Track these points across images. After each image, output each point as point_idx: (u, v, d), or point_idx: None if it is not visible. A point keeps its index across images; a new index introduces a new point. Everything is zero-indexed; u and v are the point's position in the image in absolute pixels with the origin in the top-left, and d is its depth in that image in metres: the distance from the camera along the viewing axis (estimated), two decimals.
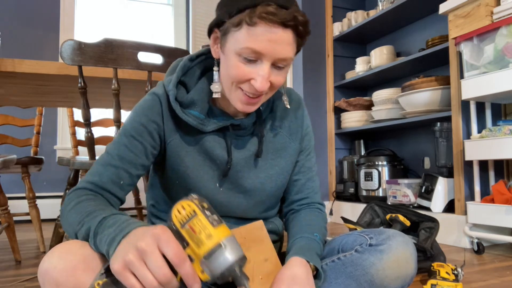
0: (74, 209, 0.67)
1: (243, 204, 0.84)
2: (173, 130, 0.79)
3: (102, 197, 0.73)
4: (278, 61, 0.69)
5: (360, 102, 2.85)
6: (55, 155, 3.31)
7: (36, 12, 3.32)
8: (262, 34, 0.66)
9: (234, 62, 0.70)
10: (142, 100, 0.79)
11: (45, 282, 0.59)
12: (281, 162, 0.86)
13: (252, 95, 0.72)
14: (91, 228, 0.62)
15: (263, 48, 0.67)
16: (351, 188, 2.81)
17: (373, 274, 0.73)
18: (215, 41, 0.76)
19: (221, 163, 0.80)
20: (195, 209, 0.53)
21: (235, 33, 0.68)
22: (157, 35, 3.78)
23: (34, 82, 1.46)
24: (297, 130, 0.89)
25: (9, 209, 1.71)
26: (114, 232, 0.58)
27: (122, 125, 0.79)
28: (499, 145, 1.71)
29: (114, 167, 0.75)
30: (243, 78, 0.70)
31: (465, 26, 1.87)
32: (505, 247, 1.89)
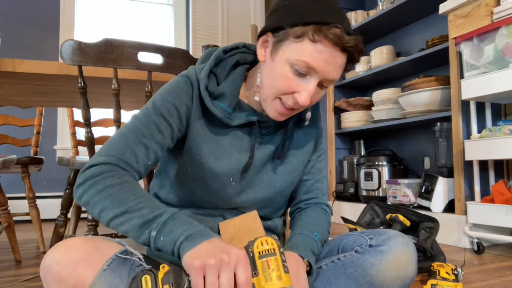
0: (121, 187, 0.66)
1: (250, 199, 0.84)
2: (199, 116, 0.79)
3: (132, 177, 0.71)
4: (325, 81, 0.71)
5: (360, 102, 2.85)
6: (55, 155, 3.31)
7: (36, 12, 3.32)
8: (321, 53, 0.68)
9: (283, 72, 0.71)
10: (174, 81, 0.79)
11: (48, 277, 0.59)
12: (294, 160, 0.86)
13: (290, 107, 0.73)
14: (163, 215, 0.63)
15: (318, 65, 0.68)
16: (351, 188, 2.80)
17: (373, 275, 0.73)
18: (263, 44, 0.76)
19: (238, 158, 0.80)
20: (276, 249, 0.59)
21: (293, 43, 0.69)
22: (157, 35, 3.78)
23: (34, 82, 1.46)
24: (313, 132, 0.90)
25: (9, 209, 1.71)
26: (193, 230, 0.61)
27: (151, 100, 0.77)
28: (499, 145, 1.71)
29: (145, 147, 0.73)
30: (288, 90, 0.71)
31: (465, 26, 1.87)
32: (505, 247, 1.89)
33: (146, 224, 0.63)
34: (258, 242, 0.60)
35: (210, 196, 0.81)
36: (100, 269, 0.60)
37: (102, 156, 0.71)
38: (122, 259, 0.64)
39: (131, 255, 0.67)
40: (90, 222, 1.27)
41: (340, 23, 0.67)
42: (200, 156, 0.78)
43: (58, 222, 1.58)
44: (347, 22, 0.70)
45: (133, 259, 0.66)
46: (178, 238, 0.60)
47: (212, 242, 0.59)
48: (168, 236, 0.61)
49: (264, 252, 0.59)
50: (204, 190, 0.81)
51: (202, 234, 0.61)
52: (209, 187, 0.80)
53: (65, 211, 1.59)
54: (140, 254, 0.69)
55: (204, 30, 3.59)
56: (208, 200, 0.82)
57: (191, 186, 0.81)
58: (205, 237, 0.60)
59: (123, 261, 0.64)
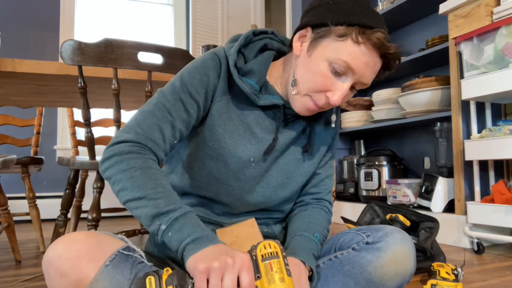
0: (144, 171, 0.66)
1: (263, 183, 0.82)
2: (225, 92, 0.78)
3: (156, 162, 0.72)
4: (358, 83, 0.73)
5: (360, 102, 2.85)
6: (55, 155, 3.31)
7: (36, 12, 3.32)
8: (362, 55, 0.69)
9: (321, 69, 0.71)
10: (202, 58, 0.78)
11: (50, 272, 0.59)
12: (312, 153, 0.86)
13: (321, 106, 0.74)
14: (175, 211, 0.63)
15: (357, 67, 0.70)
16: (351, 188, 2.80)
17: (370, 271, 0.72)
18: (301, 39, 0.76)
19: (260, 140, 0.79)
20: (279, 252, 0.60)
21: (335, 42, 0.70)
22: (157, 35, 3.78)
23: (34, 82, 1.46)
24: (332, 129, 0.90)
25: (9, 209, 1.70)
26: (201, 234, 0.62)
27: (178, 76, 0.76)
28: (499, 145, 1.71)
29: (172, 127, 0.73)
30: (323, 88, 0.72)
31: (465, 26, 1.87)
32: (505, 247, 1.89)
33: (159, 216, 0.63)
34: (261, 245, 0.61)
35: (227, 177, 0.78)
36: (102, 265, 0.60)
37: (131, 134, 0.71)
38: (125, 255, 0.65)
39: (133, 251, 0.67)
40: (90, 222, 1.27)
41: (383, 28, 0.69)
42: (223, 131, 0.77)
43: (58, 222, 1.58)
44: (386, 29, 0.71)
45: (135, 256, 0.66)
46: (185, 239, 0.61)
47: (218, 247, 0.60)
48: (176, 234, 0.62)
49: (267, 255, 0.60)
50: (222, 169, 0.78)
51: (208, 239, 0.61)
52: (228, 166, 0.78)
53: (65, 211, 1.59)
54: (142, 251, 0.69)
55: (204, 30, 3.59)
56: (223, 184, 0.79)
57: (209, 164, 0.78)
58: (211, 242, 0.60)
59: (125, 257, 0.64)
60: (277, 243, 0.61)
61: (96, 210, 1.28)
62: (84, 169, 1.60)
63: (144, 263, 0.67)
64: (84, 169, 2.04)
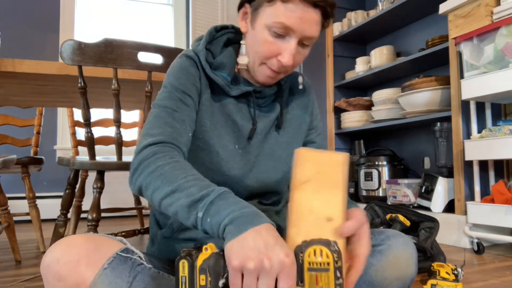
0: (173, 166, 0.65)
1: (255, 169, 0.83)
2: (206, 86, 0.81)
3: (181, 155, 0.71)
4: (304, 38, 0.73)
5: (360, 102, 2.85)
6: (55, 155, 3.31)
7: (36, 12, 3.32)
8: (294, 11, 0.70)
9: (264, 37, 0.73)
10: (177, 62, 0.81)
11: (48, 276, 0.59)
12: (291, 131, 0.88)
13: (277, 70, 0.76)
14: (210, 195, 0.59)
15: (293, 24, 0.71)
16: (351, 188, 2.81)
17: (372, 274, 0.72)
18: (243, 16, 0.79)
19: (240, 127, 0.82)
20: (331, 264, 0.51)
21: (267, 7, 0.72)
22: (157, 35, 3.78)
23: (34, 82, 1.46)
24: (308, 105, 0.92)
25: (9, 209, 1.71)
26: (240, 213, 0.56)
27: (165, 84, 0.79)
28: (499, 145, 1.71)
29: (182, 120, 0.75)
30: (271, 54, 0.74)
31: (465, 26, 1.88)
32: (505, 247, 1.89)
33: (194, 204, 0.59)
34: (311, 250, 0.52)
35: (220, 167, 0.80)
36: (101, 268, 0.60)
37: (149, 138, 0.71)
38: (123, 257, 0.64)
39: (132, 253, 0.66)
40: (90, 222, 1.27)
41: None
42: (210, 123, 0.80)
43: (58, 222, 1.58)
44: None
45: (134, 258, 0.66)
46: (223, 221, 0.56)
47: (259, 233, 0.53)
48: (214, 218, 0.57)
49: (315, 264, 0.51)
50: (214, 159, 0.80)
51: (249, 218, 0.55)
52: (219, 156, 0.79)
53: (65, 211, 1.59)
54: (141, 253, 0.69)
55: (204, 30, 3.59)
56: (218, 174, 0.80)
57: (202, 156, 0.80)
58: (251, 224, 0.54)
59: (124, 259, 0.64)
60: (330, 251, 0.51)
61: (96, 210, 1.28)
62: (84, 169, 1.60)
63: (144, 265, 0.67)
64: (84, 169, 2.04)
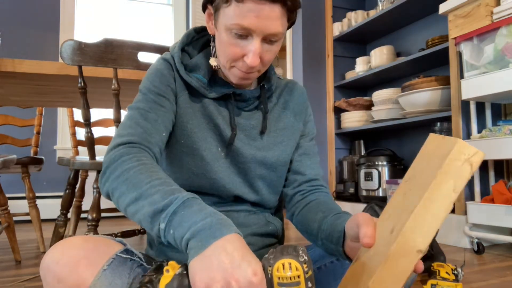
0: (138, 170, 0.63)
1: (241, 174, 0.82)
2: (183, 88, 0.80)
3: (154, 158, 0.70)
4: (268, 36, 0.69)
5: (360, 102, 2.85)
6: (55, 155, 3.31)
7: (36, 12, 3.32)
8: (249, 11, 0.66)
9: (226, 39, 0.71)
10: (152, 66, 0.81)
11: (47, 278, 0.59)
12: (284, 140, 0.85)
13: (246, 71, 0.73)
14: (172, 204, 0.56)
15: (251, 24, 0.67)
16: (351, 188, 2.81)
17: None
18: (209, 18, 0.76)
19: (222, 131, 0.80)
20: (301, 277, 0.48)
21: (225, 9, 0.69)
22: (157, 35, 3.78)
23: (34, 82, 1.46)
24: (301, 112, 0.90)
25: (9, 209, 1.71)
26: (202, 225, 0.53)
27: (141, 88, 0.79)
28: (499, 145, 1.71)
29: (154, 120, 0.73)
30: (236, 56, 0.71)
31: (465, 26, 1.88)
32: (505, 247, 1.89)
33: (156, 215, 0.57)
34: (279, 264, 0.48)
35: (205, 171, 0.78)
36: (100, 269, 0.59)
37: (118, 138, 0.70)
38: (123, 258, 0.64)
39: (131, 254, 0.66)
40: (90, 222, 1.27)
41: None
42: (192, 126, 0.78)
43: (58, 222, 1.58)
44: None
45: (133, 259, 0.66)
46: (185, 234, 0.53)
47: (224, 248, 0.50)
48: (177, 230, 0.54)
49: (285, 279, 0.48)
50: (199, 163, 0.78)
51: (212, 230, 0.52)
52: (204, 159, 0.78)
53: (65, 211, 1.59)
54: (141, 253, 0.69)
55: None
56: (204, 178, 0.79)
57: (186, 161, 0.79)
58: (214, 237, 0.51)
59: (123, 260, 0.64)
60: (299, 263, 0.48)
61: (96, 210, 1.28)
62: (84, 169, 1.60)
63: (144, 266, 0.67)
64: (84, 169, 2.04)
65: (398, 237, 0.46)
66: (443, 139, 0.50)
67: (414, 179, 0.52)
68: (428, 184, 0.46)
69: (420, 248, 0.46)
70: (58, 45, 3.35)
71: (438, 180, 0.46)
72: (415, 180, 0.51)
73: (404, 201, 0.51)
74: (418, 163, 0.54)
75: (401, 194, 0.53)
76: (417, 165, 0.53)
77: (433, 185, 0.46)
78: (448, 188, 0.46)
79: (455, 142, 0.46)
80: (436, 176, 0.46)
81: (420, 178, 0.50)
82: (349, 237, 0.63)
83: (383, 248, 0.49)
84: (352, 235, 0.62)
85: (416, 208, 0.46)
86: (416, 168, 0.53)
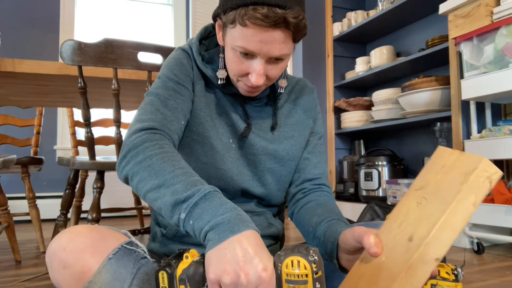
0: (161, 157, 0.64)
1: (251, 167, 0.82)
2: (199, 78, 0.81)
3: (173, 145, 0.71)
4: (273, 57, 0.70)
5: (360, 102, 2.85)
6: (55, 155, 3.31)
7: (36, 12, 3.32)
8: (253, 35, 0.66)
9: (232, 56, 0.72)
10: (171, 55, 0.83)
11: (53, 264, 0.59)
12: (295, 135, 0.87)
13: (253, 86, 0.74)
14: (194, 196, 0.57)
15: (255, 48, 0.67)
16: (351, 188, 2.81)
17: None
18: (219, 29, 0.77)
19: (234, 123, 0.81)
20: (309, 276, 0.49)
21: (231, 29, 0.69)
22: (157, 35, 3.78)
23: (34, 82, 1.46)
24: (311, 109, 0.92)
25: (9, 209, 1.70)
26: (221, 219, 0.54)
27: (160, 75, 0.80)
28: (499, 145, 1.71)
29: (173, 108, 0.74)
30: (241, 73, 0.73)
31: (465, 26, 1.87)
32: (505, 247, 1.89)
33: (178, 205, 0.57)
34: (289, 261, 0.49)
35: (214, 160, 0.79)
36: (106, 257, 0.60)
37: (139, 124, 0.70)
38: (128, 249, 0.65)
39: (136, 247, 0.67)
40: (90, 222, 1.27)
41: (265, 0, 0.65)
42: (205, 114, 0.80)
43: (58, 222, 1.58)
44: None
45: (138, 251, 0.67)
46: (204, 226, 0.54)
47: (239, 242, 0.51)
48: (197, 222, 0.55)
49: (293, 276, 0.49)
50: (209, 152, 0.79)
51: (230, 225, 0.53)
52: (214, 149, 0.79)
53: (65, 211, 1.59)
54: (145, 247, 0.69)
55: None
56: (212, 168, 0.79)
57: (196, 149, 0.79)
58: (232, 232, 0.52)
59: (128, 251, 0.65)
60: (309, 262, 0.49)
61: (96, 210, 1.28)
62: (84, 169, 1.60)
63: (147, 258, 0.67)
64: (84, 169, 2.04)
65: (421, 246, 0.49)
66: (462, 155, 0.53)
67: (429, 190, 0.54)
68: (452, 198, 0.49)
69: (438, 257, 0.50)
70: (58, 45, 3.35)
71: (462, 195, 0.49)
72: (431, 191, 0.53)
73: (420, 210, 0.53)
74: (430, 174, 0.56)
75: (413, 202, 0.55)
76: (430, 176, 0.55)
77: (458, 198, 0.49)
78: (470, 202, 0.49)
79: (481, 160, 0.49)
80: (461, 191, 0.49)
81: (439, 190, 0.52)
82: (344, 251, 0.64)
83: (401, 256, 0.51)
84: (347, 249, 0.63)
85: (441, 220, 0.49)
86: (430, 179, 0.55)
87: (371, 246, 0.55)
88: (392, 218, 0.57)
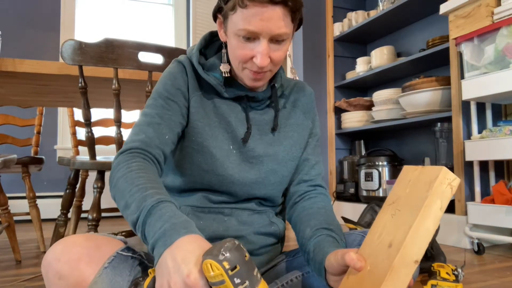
0: (125, 178, 0.67)
1: (253, 170, 0.83)
2: (196, 88, 0.84)
3: (151, 160, 0.74)
4: (274, 37, 0.73)
5: (360, 102, 2.85)
6: (56, 155, 3.31)
7: (37, 12, 3.32)
8: (253, 15, 0.70)
9: (235, 43, 0.75)
10: (167, 69, 0.85)
11: (49, 275, 0.59)
12: (295, 135, 0.88)
13: (257, 70, 0.76)
14: (141, 215, 0.60)
15: (257, 27, 0.71)
16: (352, 188, 2.80)
17: None
18: (220, 26, 0.80)
19: (234, 128, 0.83)
20: (224, 275, 0.49)
21: (232, 16, 0.73)
22: (157, 35, 3.78)
23: (35, 82, 1.46)
24: (310, 111, 0.93)
25: (9, 209, 1.71)
26: (158, 234, 0.57)
27: (153, 91, 0.83)
28: (500, 146, 1.71)
29: (157, 124, 0.77)
30: (245, 58, 0.75)
31: (465, 26, 1.87)
32: (506, 248, 1.88)
33: (135, 225, 0.61)
34: (204, 266, 0.50)
35: (215, 167, 0.80)
36: (101, 267, 0.60)
37: (124, 146, 0.75)
38: (124, 256, 0.65)
39: (132, 252, 0.67)
40: (91, 222, 1.27)
41: None
42: (202, 124, 0.81)
43: (58, 222, 1.58)
44: None
45: (134, 257, 0.66)
46: (149, 245, 0.58)
47: (171, 253, 0.53)
48: (146, 241, 0.59)
49: (211, 279, 0.50)
50: (209, 160, 0.80)
51: (165, 238, 0.55)
52: (214, 157, 0.80)
53: (65, 211, 1.59)
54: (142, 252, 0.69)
55: (204, 30, 3.59)
56: (213, 175, 0.81)
57: (197, 158, 0.81)
58: (164, 245, 0.55)
59: (124, 258, 0.64)
60: (218, 263, 0.49)
61: (96, 210, 1.28)
62: (85, 169, 1.60)
63: (145, 264, 0.67)
64: (84, 169, 2.04)
65: (400, 249, 0.53)
66: (424, 168, 0.59)
67: (400, 202, 0.60)
68: (421, 204, 0.55)
69: (417, 259, 0.54)
70: (58, 45, 3.35)
71: (429, 200, 0.55)
72: (402, 203, 0.59)
73: (395, 220, 0.58)
74: (399, 189, 0.62)
75: (388, 215, 0.61)
76: (399, 191, 0.61)
77: (426, 204, 0.54)
78: (437, 207, 0.55)
79: (440, 169, 0.56)
80: (427, 197, 0.55)
81: (408, 200, 0.58)
82: (331, 274, 0.66)
83: (384, 262, 0.55)
84: (333, 272, 0.65)
85: (414, 224, 0.54)
86: (399, 194, 0.61)
87: (354, 262, 0.58)
88: (371, 232, 0.61)
